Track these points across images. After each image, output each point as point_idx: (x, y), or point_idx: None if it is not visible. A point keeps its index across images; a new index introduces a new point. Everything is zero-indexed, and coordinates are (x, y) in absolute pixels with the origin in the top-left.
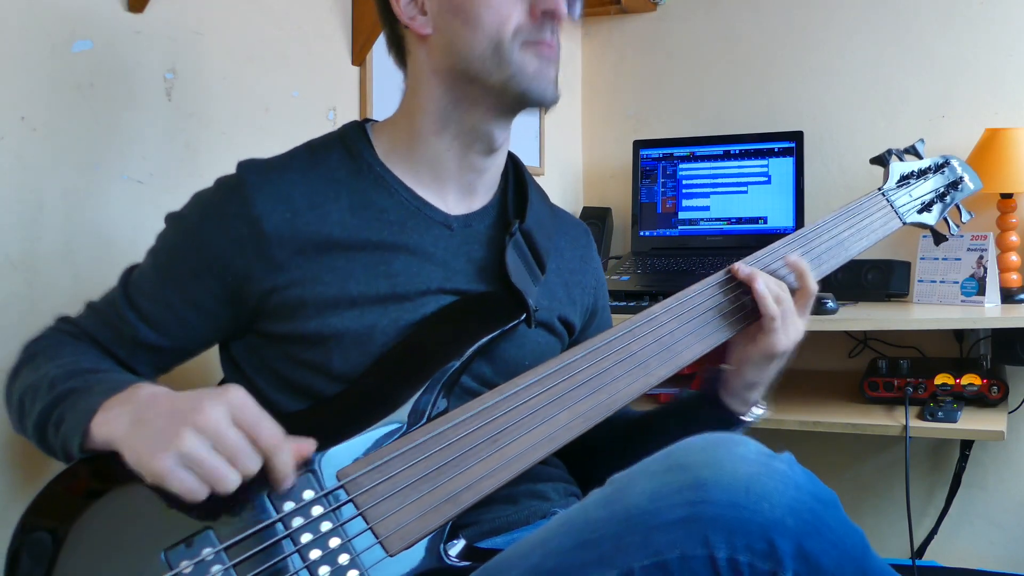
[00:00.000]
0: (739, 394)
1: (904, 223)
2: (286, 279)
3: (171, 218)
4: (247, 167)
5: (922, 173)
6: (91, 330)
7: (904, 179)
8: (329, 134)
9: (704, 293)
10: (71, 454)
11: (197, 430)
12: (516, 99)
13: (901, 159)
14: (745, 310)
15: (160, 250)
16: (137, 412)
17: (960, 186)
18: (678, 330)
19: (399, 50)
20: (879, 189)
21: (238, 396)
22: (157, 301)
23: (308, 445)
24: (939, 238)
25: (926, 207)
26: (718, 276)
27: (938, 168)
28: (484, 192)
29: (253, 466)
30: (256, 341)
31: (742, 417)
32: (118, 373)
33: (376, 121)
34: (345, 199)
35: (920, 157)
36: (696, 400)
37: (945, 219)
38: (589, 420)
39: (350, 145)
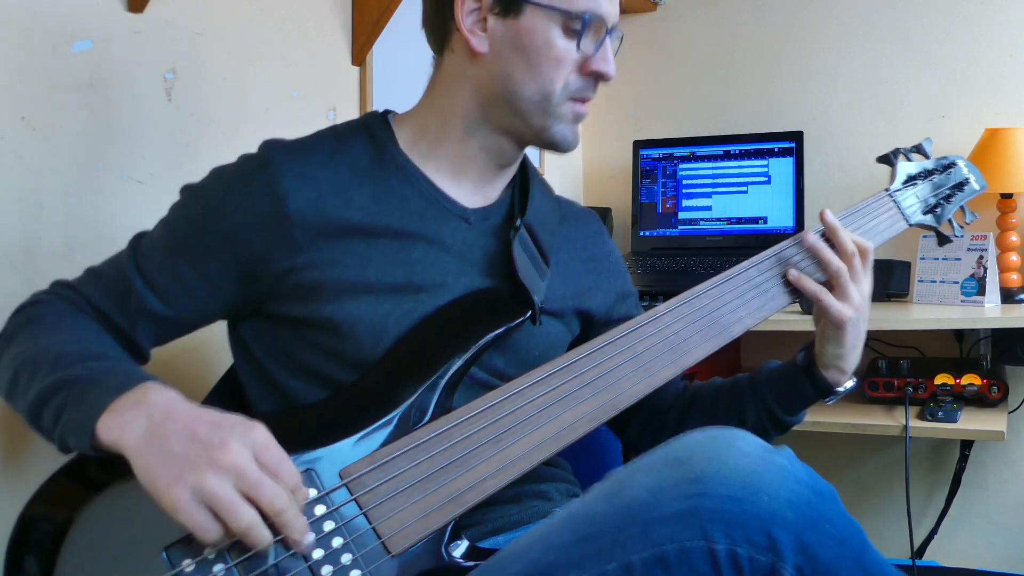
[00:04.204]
0: (833, 364)
1: (910, 224)
2: (304, 260)
3: (189, 190)
4: (273, 146)
5: (928, 174)
6: (93, 297)
7: (911, 179)
8: (352, 121)
9: (710, 293)
10: (70, 448)
11: (220, 469)
12: (544, 144)
13: (908, 159)
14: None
15: (175, 220)
16: (152, 424)
17: (966, 187)
18: (684, 330)
19: (441, 37)
20: (886, 190)
21: (262, 435)
22: (167, 271)
23: (307, 492)
24: (943, 240)
25: (931, 208)
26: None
27: (944, 169)
28: (500, 186)
29: (279, 502)
30: (268, 323)
31: (837, 388)
32: (125, 363)
33: (396, 112)
34: (368, 186)
35: (927, 157)
36: (792, 371)
37: (949, 220)
38: (594, 420)
39: (374, 133)
